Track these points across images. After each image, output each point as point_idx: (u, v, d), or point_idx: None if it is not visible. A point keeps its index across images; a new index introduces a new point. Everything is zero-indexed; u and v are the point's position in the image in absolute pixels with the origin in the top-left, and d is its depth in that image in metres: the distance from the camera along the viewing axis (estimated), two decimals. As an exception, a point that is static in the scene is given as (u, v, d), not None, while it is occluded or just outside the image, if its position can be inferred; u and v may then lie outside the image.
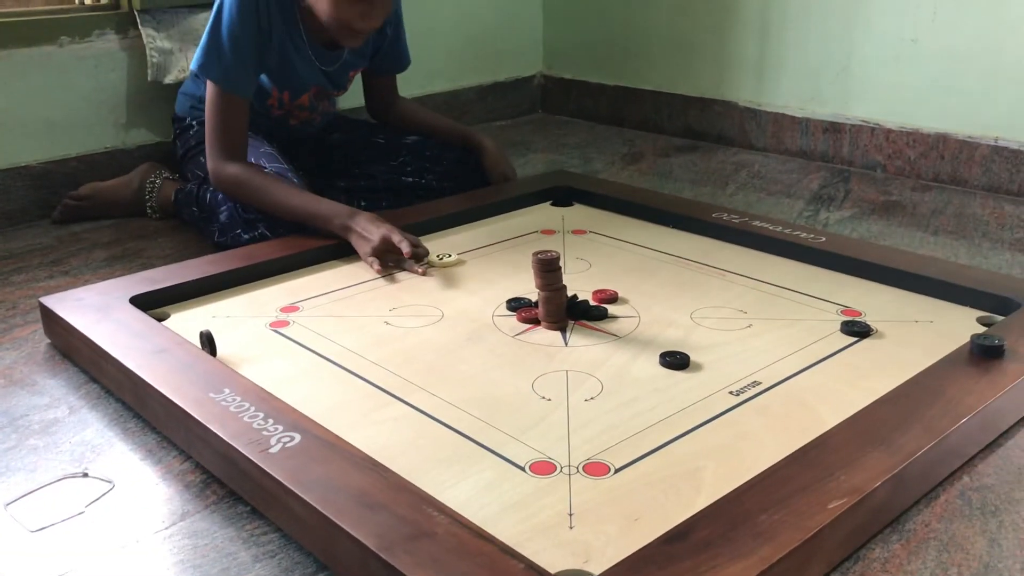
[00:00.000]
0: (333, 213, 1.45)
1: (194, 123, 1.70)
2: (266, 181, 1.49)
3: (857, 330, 1.20)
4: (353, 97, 1.95)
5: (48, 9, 1.82)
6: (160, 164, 1.83)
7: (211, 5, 1.89)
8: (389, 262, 1.43)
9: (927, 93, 1.99)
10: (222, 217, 1.55)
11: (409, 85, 1.94)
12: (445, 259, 1.46)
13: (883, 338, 1.19)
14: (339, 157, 1.80)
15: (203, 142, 1.64)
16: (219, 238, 1.57)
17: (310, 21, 1.57)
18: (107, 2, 1.87)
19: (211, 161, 1.51)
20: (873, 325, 1.22)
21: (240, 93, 1.51)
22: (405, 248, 1.39)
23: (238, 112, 1.51)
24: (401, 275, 1.41)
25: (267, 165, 1.57)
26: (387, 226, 1.43)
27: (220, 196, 1.57)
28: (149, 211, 1.77)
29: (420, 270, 1.41)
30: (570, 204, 1.77)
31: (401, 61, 1.81)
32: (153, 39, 1.85)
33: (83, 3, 1.87)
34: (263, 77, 1.60)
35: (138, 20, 1.85)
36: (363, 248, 1.43)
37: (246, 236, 1.53)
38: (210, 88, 1.50)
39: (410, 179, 1.73)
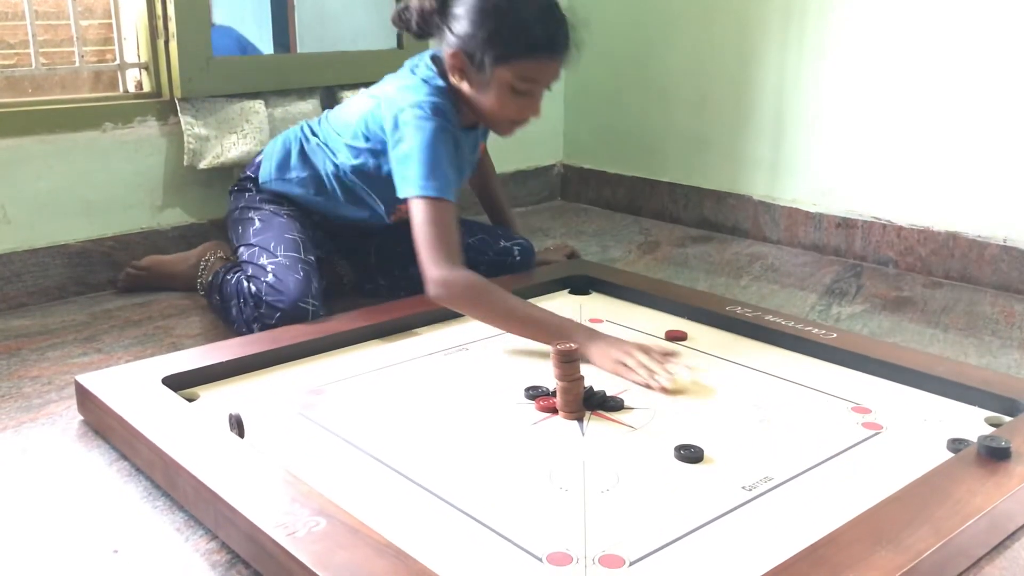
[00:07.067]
0: (572, 328, 1.45)
1: (252, 187, 1.76)
2: (499, 290, 1.49)
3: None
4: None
5: (95, 96, 1.92)
6: (221, 244, 1.87)
7: (250, 95, 2.01)
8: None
9: (937, 192, 2.05)
10: (233, 312, 1.61)
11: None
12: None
13: (892, 436, 1.22)
14: (378, 254, 1.86)
15: (252, 207, 1.71)
16: (236, 328, 1.61)
17: (460, 109, 1.59)
18: (150, 90, 1.97)
19: (439, 270, 1.46)
20: (882, 423, 1.25)
21: (454, 199, 1.51)
22: (659, 357, 1.38)
23: (453, 218, 1.50)
24: (420, 361, 1.46)
25: (282, 254, 1.60)
26: (626, 342, 1.43)
27: (230, 290, 1.62)
28: (198, 287, 1.82)
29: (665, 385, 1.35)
30: (588, 293, 1.82)
31: None
32: (191, 126, 1.94)
33: (127, 91, 1.97)
34: None
35: (178, 108, 1.94)
36: (612, 357, 1.40)
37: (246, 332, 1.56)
38: (424, 204, 1.48)
39: None
